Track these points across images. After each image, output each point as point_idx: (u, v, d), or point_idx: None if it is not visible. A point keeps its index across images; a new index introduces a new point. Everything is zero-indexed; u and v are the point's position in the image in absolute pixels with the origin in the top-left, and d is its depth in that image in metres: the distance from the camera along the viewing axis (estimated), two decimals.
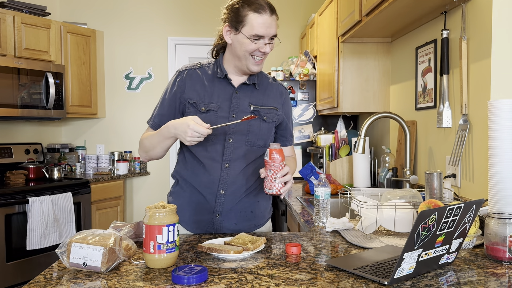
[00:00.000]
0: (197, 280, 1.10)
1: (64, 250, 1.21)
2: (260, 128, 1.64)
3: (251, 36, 1.51)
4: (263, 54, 1.56)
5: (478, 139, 1.77)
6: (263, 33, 1.51)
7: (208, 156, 1.61)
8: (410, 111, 2.51)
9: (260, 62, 1.58)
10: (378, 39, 2.80)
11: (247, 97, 1.64)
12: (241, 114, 1.61)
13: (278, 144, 1.46)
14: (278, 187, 1.45)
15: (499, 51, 1.65)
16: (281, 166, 1.44)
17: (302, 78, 3.61)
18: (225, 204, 1.63)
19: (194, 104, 1.61)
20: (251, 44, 1.53)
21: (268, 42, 1.54)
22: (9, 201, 3.14)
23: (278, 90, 1.73)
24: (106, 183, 3.96)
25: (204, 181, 1.63)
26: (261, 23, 1.50)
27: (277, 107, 1.69)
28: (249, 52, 1.54)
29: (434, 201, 1.38)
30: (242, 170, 1.63)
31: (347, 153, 3.07)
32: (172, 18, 4.54)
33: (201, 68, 1.68)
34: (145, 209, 1.26)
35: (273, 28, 1.53)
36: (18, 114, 3.52)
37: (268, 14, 1.51)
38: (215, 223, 1.65)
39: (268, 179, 1.46)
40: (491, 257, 1.29)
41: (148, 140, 1.62)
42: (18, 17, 3.56)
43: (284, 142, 1.78)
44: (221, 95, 1.62)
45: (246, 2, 1.51)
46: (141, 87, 4.56)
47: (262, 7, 1.50)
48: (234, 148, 1.62)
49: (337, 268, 1.21)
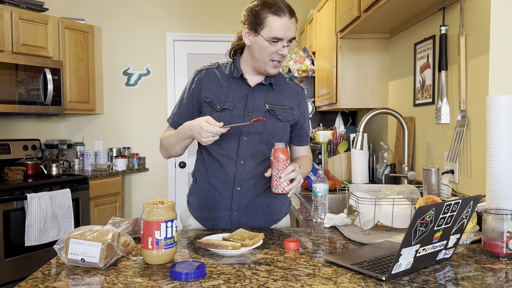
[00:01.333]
0: (195, 276, 1.10)
1: (62, 246, 1.21)
2: (274, 127, 1.65)
3: (270, 39, 1.52)
4: (282, 56, 1.57)
5: (476, 135, 1.77)
6: (282, 36, 1.52)
7: (223, 154, 1.63)
8: (408, 107, 2.51)
9: (278, 65, 1.60)
10: (377, 35, 2.79)
11: (263, 96, 1.66)
12: (257, 113, 1.63)
13: (282, 143, 1.48)
14: (283, 186, 1.46)
15: (497, 47, 1.65)
16: (285, 165, 1.45)
17: (301, 74, 3.60)
18: (242, 200, 1.65)
19: (210, 102, 1.63)
20: (270, 47, 1.54)
21: (286, 45, 1.55)
22: (7, 197, 3.13)
23: (295, 90, 1.74)
24: (104, 179, 3.96)
25: (221, 178, 1.65)
26: (280, 26, 1.51)
27: (292, 107, 1.70)
28: (267, 55, 1.56)
29: (432, 197, 1.38)
30: (256, 167, 1.65)
31: (346, 149, 3.07)
32: (170, 14, 4.52)
33: (218, 68, 1.70)
34: (143, 205, 1.26)
35: (292, 31, 1.54)
36: (16, 110, 3.52)
37: (287, 17, 1.52)
38: (232, 219, 1.67)
39: (273, 178, 1.47)
40: (488, 253, 1.30)
41: (167, 140, 1.66)
42: (16, 13, 3.54)
43: (300, 142, 1.79)
44: (237, 94, 1.64)
45: (266, 4, 1.53)
46: (140, 83, 4.55)
47: (282, 10, 1.51)
48: (248, 146, 1.63)
49: (335, 264, 1.21)
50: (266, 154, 1.66)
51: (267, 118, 1.64)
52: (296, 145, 1.80)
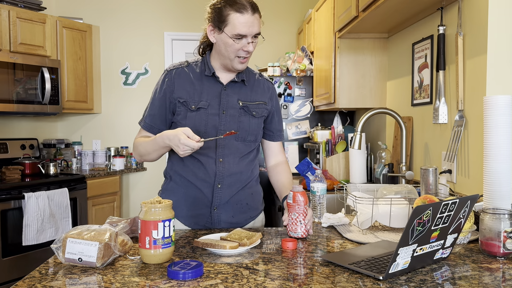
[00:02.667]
0: (192, 275, 1.10)
1: (59, 245, 1.21)
2: (250, 124, 1.66)
3: (233, 36, 1.52)
4: (247, 53, 1.56)
5: (473, 135, 1.77)
6: (246, 32, 1.51)
7: (202, 153, 1.63)
8: (406, 107, 2.51)
9: (245, 61, 1.59)
10: (375, 35, 2.79)
11: (236, 93, 1.67)
12: (231, 111, 1.64)
13: (300, 186, 1.50)
14: (303, 231, 1.47)
15: (495, 47, 1.65)
16: (305, 209, 1.47)
17: (299, 73, 3.60)
18: (222, 197, 1.65)
19: (184, 102, 1.62)
20: (234, 44, 1.53)
21: (251, 41, 1.54)
22: (4, 196, 3.13)
23: (265, 85, 1.76)
24: (102, 178, 3.95)
25: (201, 176, 1.65)
26: (243, 22, 1.50)
27: (265, 101, 1.72)
28: (233, 52, 1.55)
29: (430, 196, 1.38)
30: (236, 164, 1.66)
31: (344, 149, 3.07)
32: (168, 13, 4.52)
33: (189, 67, 1.68)
34: (140, 205, 1.26)
35: (256, 27, 1.53)
36: (14, 110, 3.51)
37: (250, 13, 1.50)
38: (213, 217, 1.67)
39: (293, 222, 1.48)
40: (485, 252, 1.30)
41: (143, 146, 1.63)
42: (13, 12, 3.53)
43: (271, 137, 1.79)
44: (210, 93, 1.64)
45: (228, 1, 1.51)
46: (138, 82, 4.54)
47: (244, 6, 1.50)
48: (225, 144, 1.64)
49: (333, 263, 1.21)
50: (243, 151, 1.68)
51: (241, 115, 1.65)
52: (267, 139, 1.79)
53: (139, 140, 1.67)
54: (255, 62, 4.52)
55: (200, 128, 1.62)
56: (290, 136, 3.64)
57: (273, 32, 4.59)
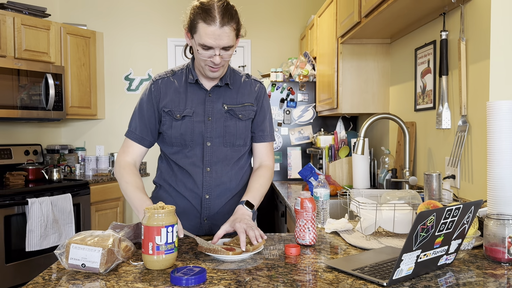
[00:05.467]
0: (195, 281, 1.10)
1: (63, 251, 1.21)
2: (236, 128, 1.63)
3: (199, 45, 1.48)
4: (214, 64, 1.50)
5: (477, 140, 1.77)
6: (211, 44, 1.45)
7: (189, 162, 1.62)
8: (409, 112, 2.51)
9: (216, 70, 1.53)
10: (378, 40, 2.80)
11: (221, 98, 1.63)
12: (217, 116, 1.61)
13: (308, 192, 1.49)
14: (311, 238, 1.46)
15: (497, 52, 1.65)
16: (313, 215, 1.47)
17: (302, 79, 3.61)
18: (211, 208, 1.64)
19: (169, 112, 1.60)
20: (203, 52, 1.48)
21: (218, 54, 1.48)
22: (8, 202, 3.13)
23: (252, 86, 1.69)
24: (105, 184, 3.96)
25: (189, 187, 1.63)
26: (210, 34, 1.44)
27: (252, 103, 1.67)
28: (201, 60, 1.52)
29: (433, 202, 1.37)
30: (224, 173, 1.63)
31: (347, 154, 3.07)
32: (171, 20, 4.54)
33: (174, 75, 1.66)
34: (144, 210, 1.26)
35: (224, 40, 1.45)
36: (18, 115, 3.52)
37: (217, 26, 1.43)
38: (203, 227, 1.66)
39: (300, 229, 1.47)
40: (490, 258, 1.29)
41: (124, 192, 1.57)
42: (18, 18, 3.56)
43: (256, 138, 1.70)
44: (195, 100, 1.62)
45: (200, 9, 1.45)
46: (141, 88, 4.56)
47: (213, 18, 1.43)
48: (213, 151, 1.61)
49: (336, 269, 1.21)
50: (232, 158, 1.64)
51: (227, 120, 1.61)
52: (253, 141, 1.71)
53: (126, 179, 1.57)
54: (258, 68, 4.53)
55: (186, 137, 1.60)
56: (293, 141, 3.64)
57: (276, 38, 4.60)
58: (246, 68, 4.53)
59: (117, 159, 1.65)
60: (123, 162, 1.62)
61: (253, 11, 4.53)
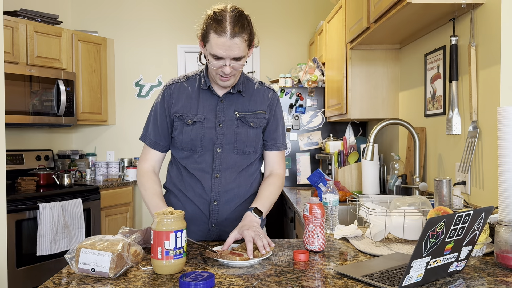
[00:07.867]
0: (204, 287, 1.10)
1: (73, 255, 1.22)
2: (247, 135, 1.63)
3: (210, 55, 1.49)
4: (224, 73, 1.51)
5: (487, 146, 1.75)
6: (221, 55, 1.47)
7: (199, 168, 1.62)
8: (419, 117, 2.50)
9: (226, 79, 1.54)
10: (387, 46, 2.79)
11: (233, 105, 1.64)
12: (228, 123, 1.62)
13: (317, 198, 1.48)
14: (320, 244, 1.46)
15: (508, 57, 1.64)
16: (322, 221, 1.46)
17: (311, 84, 3.61)
18: (220, 214, 1.64)
19: (181, 117, 1.62)
20: (214, 61, 1.50)
21: (228, 64, 1.49)
22: (20, 207, 3.17)
23: (265, 94, 1.69)
24: (115, 189, 3.98)
25: (198, 192, 1.64)
26: (220, 45, 1.45)
27: (264, 111, 1.67)
28: (213, 69, 1.53)
29: (443, 208, 1.36)
30: (233, 179, 1.64)
31: (356, 159, 3.06)
32: (181, 26, 4.58)
33: (187, 81, 1.67)
34: (153, 215, 1.27)
35: (234, 51, 1.46)
36: (30, 121, 3.57)
37: (228, 37, 1.44)
38: (212, 233, 1.67)
39: (309, 235, 1.47)
40: (501, 265, 1.28)
41: (143, 198, 1.63)
42: (31, 26, 3.62)
43: (268, 146, 1.70)
44: (206, 106, 1.62)
45: (212, 20, 1.47)
46: (151, 94, 4.60)
47: (224, 29, 1.44)
48: (223, 157, 1.62)
49: (345, 276, 1.20)
50: (242, 165, 1.64)
51: (238, 127, 1.62)
52: (265, 149, 1.71)
53: (144, 186, 1.63)
54: (266, 73, 4.54)
55: (196, 142, 1.60)
56: (301, 147, 3.63)
57: (285, 43, 4.61)
58: (255, 73, 4.55)
59: (137, 167, 1.70)
60: (141, 169, 1.67)
61: (262, 17, 4.55)
